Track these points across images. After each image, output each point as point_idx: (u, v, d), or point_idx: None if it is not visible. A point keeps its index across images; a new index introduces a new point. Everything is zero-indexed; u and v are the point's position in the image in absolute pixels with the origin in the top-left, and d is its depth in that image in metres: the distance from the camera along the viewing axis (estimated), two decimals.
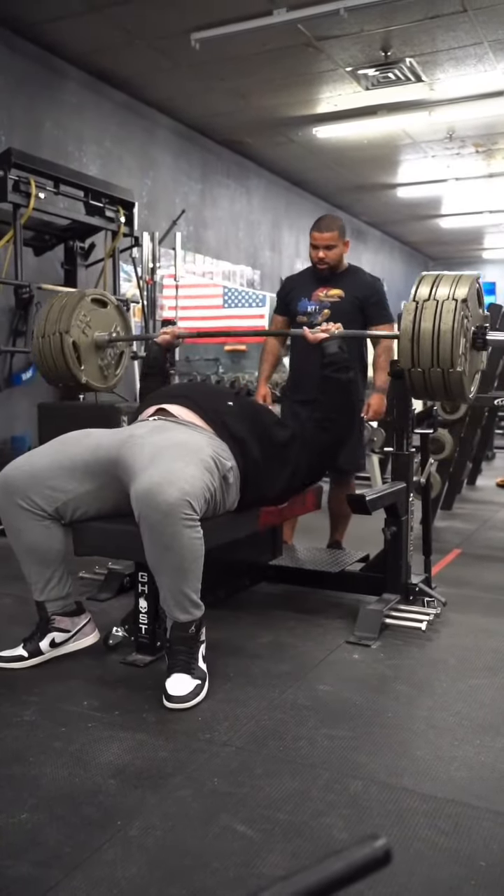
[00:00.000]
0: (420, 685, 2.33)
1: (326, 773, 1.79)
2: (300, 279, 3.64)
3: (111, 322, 3.32)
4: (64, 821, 1.58)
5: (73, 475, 2.37)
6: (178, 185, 7.55)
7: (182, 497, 2.09)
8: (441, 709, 2.16)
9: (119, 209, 5.19)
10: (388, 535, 2.84)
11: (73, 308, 3.10)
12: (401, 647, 2.63)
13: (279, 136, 7.89)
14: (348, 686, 2.31)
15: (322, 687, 2.30)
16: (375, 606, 2.77)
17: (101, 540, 2.45)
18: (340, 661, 2.52)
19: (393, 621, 2.75)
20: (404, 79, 6.36)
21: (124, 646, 2.54)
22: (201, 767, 1.81)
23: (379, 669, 2.45)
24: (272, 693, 2.25)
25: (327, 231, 3.40)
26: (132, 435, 2.41)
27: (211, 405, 2.58)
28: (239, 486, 2.49)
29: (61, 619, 2.43)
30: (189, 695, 2.13)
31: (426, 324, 2.42)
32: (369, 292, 3.47)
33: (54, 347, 3.11)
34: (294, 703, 2.18)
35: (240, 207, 8.62)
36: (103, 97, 6.45)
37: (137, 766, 1.81)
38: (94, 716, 2.08)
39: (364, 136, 7.80)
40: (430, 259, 15.25)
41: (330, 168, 8.99)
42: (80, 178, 5.08)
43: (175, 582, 2.17)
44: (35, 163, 4.62)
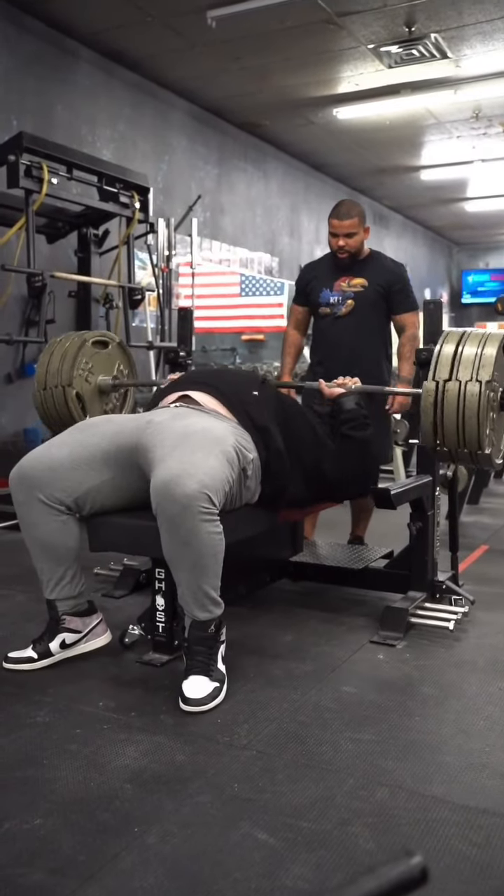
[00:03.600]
0: (448, 687, 2.29)
1: (351, 779, 1.76)
2: (320, 267, 3.58)
3: (113, 362, 3.31)
4: (79, 827, 1.57)
5: (92, 465, 2.35)
6: (194, 169, 7.52)
7: (201, 490, 2.07)
8: (471, 712, 2.12)
9: (134, 195, 5.16)
10: (413, 530, 2.80)
11: (74, 357, 3.09)
12: (427, 648, 2.60)
13: (298, 118, 7.82)
14: (373, 688, 2.28)
15: (346, 688, 2.27)
16: (400, 605, 2.73)
17: (115, 536, 2.43)
18: (364, 661, 2.49)
19: (419, 620, 2.72)
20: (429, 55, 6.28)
21: (140, 644, 2.52)
22: (221, 772, 1.79)
23: (405, 670, 2.41)
24: (294, 694, 2.22)
25: (347, 218, 3.35)
26: (152, 421, 2.39)
27: (235, 393, 2.54)
28: (259, 479, 2.47)
29: (72, 619, 2.42)
30: (206, 697, 2.11)
31: (449, 408, 2.37)
32: (393, 279, 3.43)
33: (57, 401, 3.10)
34: (317, 705, 2.15)
35: (257, 192, 8.57)
36: (116, 78, 6.42)
37: (154, 771, 1.79)
38: (109, 717, 2.07)
39: (386, 117, 7.72)
40: (455, 244, 15.12)
41: (351, 150, 8.92)
42: (93, 162, 5.05)
43: (193, 578, 2.15)
44: (47, 147, 4.60)
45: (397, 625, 2.65)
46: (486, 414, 2.37)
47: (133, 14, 5.52)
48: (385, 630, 2.66)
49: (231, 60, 6.35)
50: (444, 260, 14.87)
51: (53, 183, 4.50)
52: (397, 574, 2.93)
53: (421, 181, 10.25)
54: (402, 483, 2.76)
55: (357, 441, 2.72)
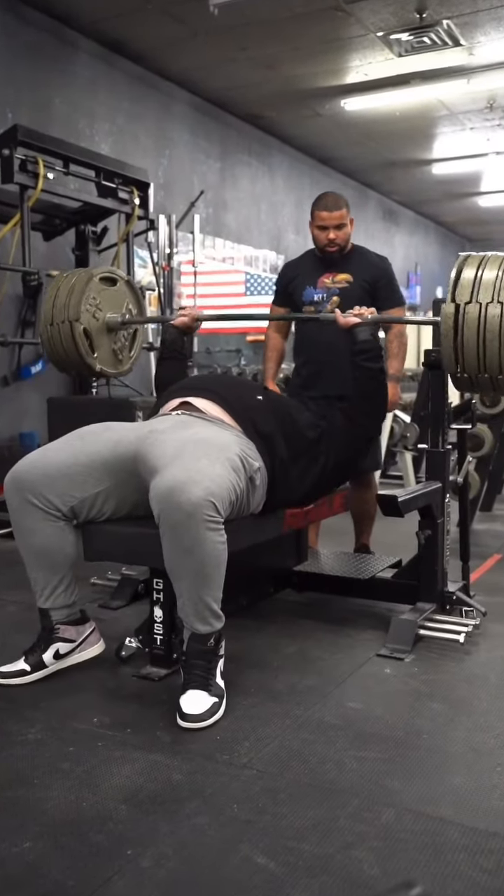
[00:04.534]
0: (458, 703, 2.28)
1: (356, 799, 1.75)
2: (302, 265, 3.56)
3: (122, 300, 3.30)
4: (70, 850, 1.56)
5: (90, 472, 2.36)
6: (196, 164, 7.53)
7: (206, 497, 2.07)
8: (481, 730, 2.11)
9: (133, 190, 5.17)
10: (422, 538, 2.79)
11: (82, 292, 3.08)
12: (436, 661, 2.58)
13: (304, 110, 7.83)
14: (379, 703, 2.27)
15: (351, 704, 2.26)
16: (408, 616, 2.72)
17: (112, 544, 2.43)
18: (371, 675, 2.48)
19: (428, 633, 2.70)
20: (441, 43, 6.27)
21: (138, 658, 2.52)
22: (219, 792, 1.78)
23: (413, 685, 2.40)
24: (297, 710, 2.21)
25: (336, 209, 3.33)
26: (153, 430, 2.39)
27: (238, 400, 2.55)
28: (266, 488, 2.47)
29: (66, 629, 2.42)
30: (205, 713, 2.10)
31: (469, 332, 2.36)
32: (379, 274, 3.42)
33: (64, 336, 3.10)
34: (320, 722, 2.14)
35: (262, 187, 8.58)
36: (116, 69, 6.44)
37: (150, 790, 1.78)
38: (104, 734, 2.06)
39: (396, 108, 7.73)
40: (468, 241, 15.10)
41: (359, 143, 8.93)
42: (91, 157, 5.06)
43: (195, 589, 2.14)
44: (43, 141, 4.61)
45: (405, 637, 2.63)
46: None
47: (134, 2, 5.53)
48: (392, 643, 2.64)
49: (235, 50, 6.36)
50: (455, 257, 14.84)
51: (49, 178, 4.51)
52: (405, 584, 2.91)
53: (432, 175, 10.25)
54: (410, 489, 2.75)
55: (372, 371, 2.78)
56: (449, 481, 2.90)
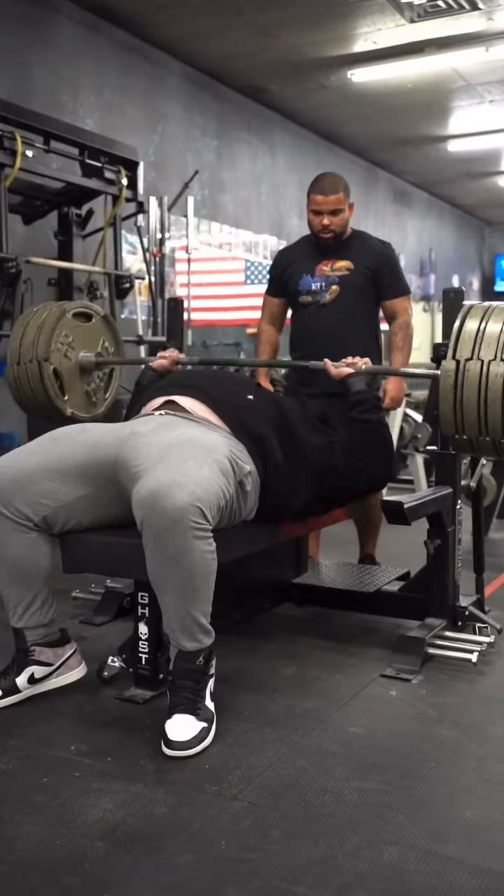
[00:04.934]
0: (469, 729, 2.26)
1: (355, 836, 1.73)
2: (297, 252, 3.56)
3: (97, 337, 3.29)
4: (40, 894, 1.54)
5: (64, 478, 2.34)
6: (191, 141, 7.52)
7: (193, 502, 2.06)
8: (495, 759, 2.09)
9: (120, 170, 5.16)
10: (430, 549, 2.78)
11: (52, 329, 3.06)
12: (446, 683, 2.57)
13: (308, 82, 7.82)
14: (383, 729, 2.25)
15: (352, 729, 2.24)
16: (416, 633, 2.70)
17: (92, 555, 2.42)
18: (375, 698, 2.46)
19: (437, 651, 2.69)
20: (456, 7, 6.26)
21: (121, 679, 2.51)
22: (206, 827, 1.76)
23: (420, 709, 2.38)
24: (294, 736, 2.20)
25: (332, 192, 3.33)
26: (135, 432, 2.38)
27: (227, 399, 2.54)
28: (258, 494, 2.45)
29: (42, 650, 2.40)
30: (192, 740, 2.08)
31: (470, 391, 2.33)
32: (381, 260, 3.41)
33: (32, 377, 3.08)
34: (319, 749, 2.13)
35: (262, 167, 8.57)
36: (102, 37, 6.41)
37: (131, 826, 1.76)
38: (82, 763, 2.05)
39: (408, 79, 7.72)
40: (487, 224, 15.09)
41: (368, 118, 8.92)
42: (74, 133, 5.05)
43: (182, 602, 2.13)
44: (22, 115, 4.59)
45: (413, 656, 2.62)
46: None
47: None
48: (399, 662, 2.63)
49: (231, 16, 6.35)
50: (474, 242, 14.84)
51: (28, 156, 4.50)
52: (413, 598, 2.90)
53: (448, 153, 10.23)
54: (418, 495, 2.73)
55: (370, 424, 2.78)
56: (461, 486, 2.89)
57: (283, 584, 3.15)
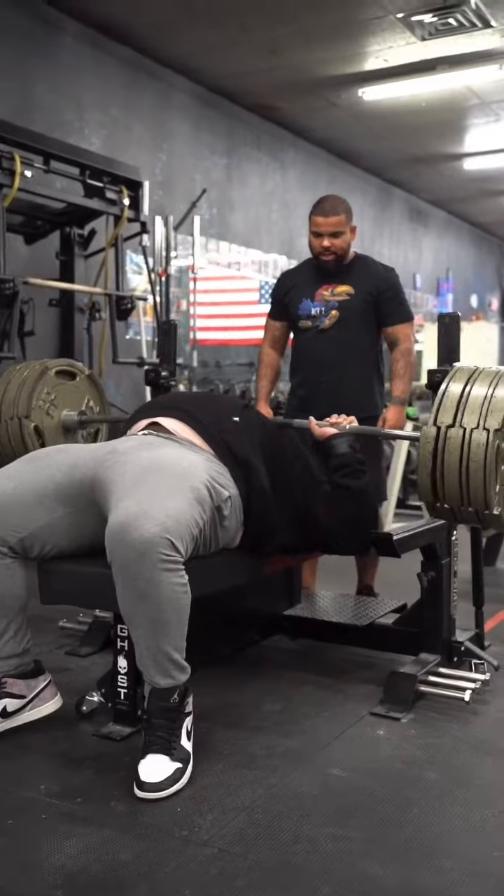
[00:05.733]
0: (457, 773, 2.21)
1: (327, 886, 1.69)
2: (299, 275, 3.57)
3: (81, 396, 3.29)
4: None
5: (41, 500, 2.32)
6: (199, 159, 7.56)
7: (162, 533, 2.03)
8: (481, 805, 2.04)
9: (122, 190, 5.18)
10: (423, 582, 2.73)
11: (33, 386, 3.07)
12: (437, 723, 2.51)
13: (319, 100, 7.86)
14: (367, 771, 2.20)
15: (334, 771, 2.20)
16: (408, 670, 2.66)
17: (70, 585, 2.39)
18: (361, 737, 2.41)
19: (429, 689, 2.64)
20: (469, 25, 6.27)
21: (101, 713, 2.48)
22: (171, 875, 1.72)
23: (407, 750, 2.33)
24: (272, 778, 2.15)
25: (332, 214, 3.33)
26: (114, 451, 2.36)
27: (212, 420, 2.52)
28: (240, 520, 2.42)
29: (14, 682, 2.37)
30: (165, 781, 2.04)
31: (451, 459, 2.27)
32: (383, 286, 3.40)
33: (13, 434, 3.09)
34: (297, 792, 2.08)
35: (273, 185, 8.60)
36: (107, 54, 6.47)
37: (93, 873, 1.73)
38: (50, 804, 2.01)
39: (421, 97, 7.74)
40: None
41: (381, 137, 8.94)
42: (75, 153, 5.09)
43: (153, 638, 2.10)
44: (20, 134, 4.63)
45: (403, 694, 2.57)
46: (495, 468, 2.28)
47: None
48: (389, 700, 2.58)
49: (239, 33, 6.40)
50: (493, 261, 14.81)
51: (27, 176, 4.53)
52: (408, 632, 2.86)
53: (464, 171, 10.24)
54: (409, 526, 2.69)
55: (351, 491, 2.65)
56: None
57: (274, 615, 3.11)
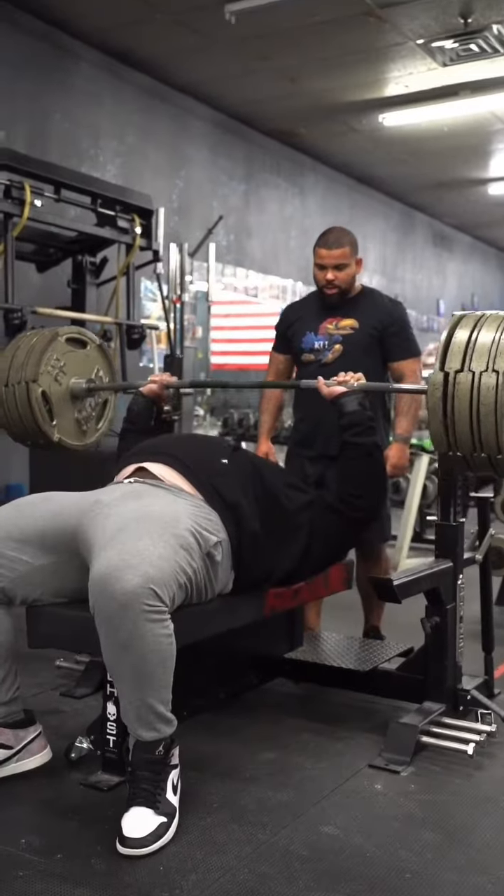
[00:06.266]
0: (455, 833, 2.14)
1: None
2: (303, 308, 3.54)
3: (91, 365, 3.28)
4: None
5: (24, 548, 2.32)
6: (217, 185, 7.59)
7: (144, 584, 2.02)
8: (478, 870, 1.97)
9: (134, 218, 5.21)
10: (427, 628, 2.67)
11: (43, 351, 3.06)
12: (439, 777, 2.44)
13: (339, 125, 7.89)
14: (361, 829, 2.14)
15: (326, 829, 2.14)
16: (409, 720, 2.59)
17: (59, 629, 2.37)
18: (357, 791, 2.35)
19: (432, 740, 2.57)
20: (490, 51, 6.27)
21: (89, 761, 2.44)
22: None
23: (405, 807, 2.26)
24: (261, 835, 2.10)
25: (336, 247, 3.30)
26: (98, 501, 2.36)
27: (199, 465, 2.51)
28: (231, 564, 2.41)
29: (1, 732, 2.34)
30: (148, 837, 2.00)
31: (461, 405, 2.26)
32: (389, 320, 3.36)
33: (20, 399, 3.07)
34: (286, 851, 2.02)
35: (292, 210, 8.62)
36: (123, 81, 6.53)
37: None
38: (29, 861, 1.97)
39: (443, 123, 7.74)
40: None
41: (403, 162, 8.96)
42: (86, 181, 5.13)
43: (137, 690, 2.08)
44: (30, 164, 4.68)
45: (404, 746, 2.50)
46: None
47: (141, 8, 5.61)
48: (389, 752, 2.51)
49: (256, 60, 6.44)
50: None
51: (37, 205, 4.56)
52: (412, 679, 2.79)
53: (489, 196, 10.23)
54: (411, 570, 2.64)
55: (362, 448, 2.67)
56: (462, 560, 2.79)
57: (274, 658, 3.05)
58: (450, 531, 2.77)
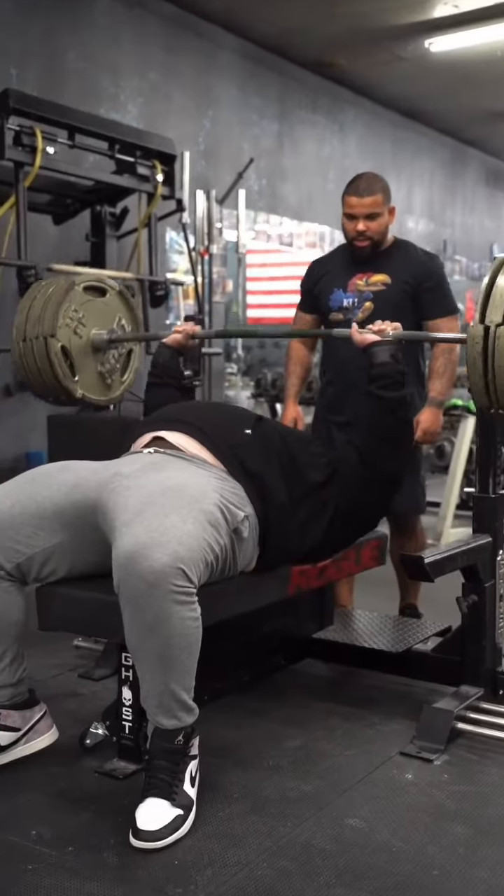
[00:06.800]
0: (488, 827, 2.15)
1: None
2: (331, 263, 3.50)
3: (113, 314, 3.28)
4: None
5: (40, 523, 2.35)
6: (247, 125, 7.49)
7: (174, 563, 2.03)
8: None
9: (156, 164, 5.15)
10: (463, 608, 2.66)
11: (60, 303, 3.06)
12: (474, 766, 2.46)
13: (382, 53, 7.70)
14: (387, 822, 2.16)
15: (351, 821, 2.16)
16: (444, 705, 2.60)
17: (70, 611, 2.41)
18: (386, 781, 2.37)
19: (468, 727, 2.58)
20: None
21: (105, 747, 2.48)
22: None
23: (437, 798, 2.28)
24: (282, 827, 2.13)
25: (368, 194, 3.24)
26: (118, 473, 2.37)
27: (221, 434, 2.51)
28: (257, 540, 2.41)
29: (8, 714, 2.39)
30: (163, 830, 2.04)
31: (501, 360, 2.22)
32: (424, 275, 3.31)
33: (38, 355, 3.09)
34: (307, 845, 2.05)
35: (330, 151, 8.49)
36: (145, 12, 6.40)
37: None
38: (40, 853, 2.02)
39: (497, 46, 7.52)
40: None
41: (453, 92, 8.75)
42: (103, 125, 5.07)
43: (159, 675, 2.11)
44: (42, 107, 4.62)
45: (437, 732, 2.52)
46: None
47: None
48: (422, 738, 2.53)
49: None
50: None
51: (50, 152, 4.53)
52: (448, 660, 2.79)
53: None
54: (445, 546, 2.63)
55: (387, 402, 2.62)
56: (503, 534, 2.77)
57: (302, 638, 3.07)
58: (488, 503, 2.75)
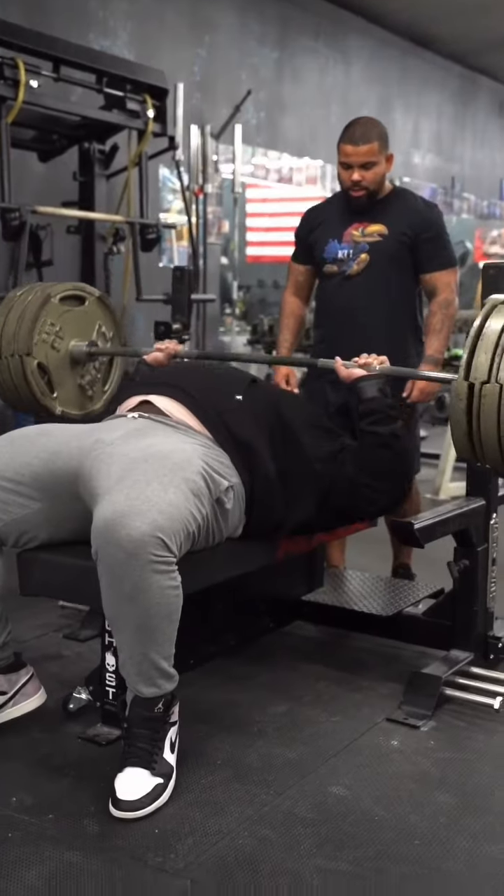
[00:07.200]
0: (473, 796, 2.21)
1: None
2: (326, 212, 3.47)
3: (92, 322, 3.26)
4: None
5: (19, 488, 2.37)
6: (245, 54, 7.38)
7: (153, 532, 2.06)
8: (492, 838, 2.03)
9: (146, 99, 5.07)
10: (454, 572, 2.70)
11: (35, 319, 3.04)
12: (461, 733, 2.51)
13: None
14: (371, 790, 2.22)
15: (334, 789, 2.22)
16: (433, 670, 2.65)
17: (52, 577, 2.44)
18: (371, 748, 2.42)
19: (456, 692, 2.63)
20: None
21: (90, 712, 2.53)
22: None
23: (422, 766, 2.34)
24: (264, 795, 2.18)
25: (364, 142, 3.21)
26: (100, 440, 2.38)
27: (210, 399, 2.52)
28: (244, 509, 2.45)
29: None
30: (143, 799, 2.09)
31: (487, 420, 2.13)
32: (422, 225, 3.29)
33: (15, 373, 3.08)
34: (289, 814, 2.11)
35: (333, 81, 8.37)
36: None
37: None
38: (20, 820, 2.07)
39: None
40: None
41: (464, 16, 8.62)
42: (90, 57, 4.98)
43: (138, 644, 2.14)
44: (24, 37, 4.54)
45: (425, 698, 2.57)
46: None
47: None
48: (409, 704, 2.58)
49: None
50: None
51: (33, 86, 4.46)
52: (438, 625, 2.84)
53: None
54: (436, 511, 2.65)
55: (380, 437, 2.66)
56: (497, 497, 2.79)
57: (291, 600, 3.12)
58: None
